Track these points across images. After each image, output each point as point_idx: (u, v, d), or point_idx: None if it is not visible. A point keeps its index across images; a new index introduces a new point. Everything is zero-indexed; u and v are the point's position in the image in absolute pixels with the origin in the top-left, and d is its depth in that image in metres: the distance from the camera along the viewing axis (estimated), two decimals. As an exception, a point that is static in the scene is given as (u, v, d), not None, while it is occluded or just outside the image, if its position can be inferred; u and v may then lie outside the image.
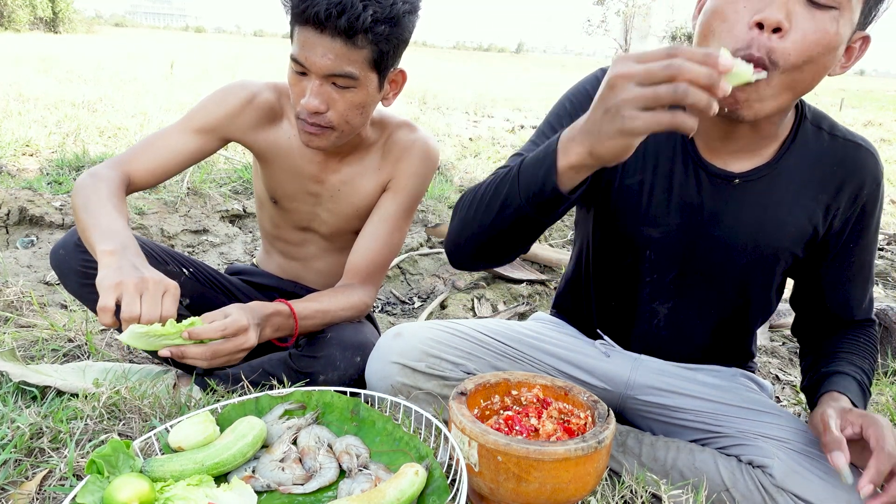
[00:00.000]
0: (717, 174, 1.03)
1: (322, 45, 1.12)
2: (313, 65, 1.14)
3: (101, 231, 1.08)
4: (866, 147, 1.04)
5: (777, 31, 0.82)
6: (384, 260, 1.40)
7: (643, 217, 1.07)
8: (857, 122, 9.82)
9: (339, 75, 1.15)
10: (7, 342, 1.46)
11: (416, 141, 1.39)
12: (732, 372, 1.22)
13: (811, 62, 0.85)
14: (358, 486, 0.89)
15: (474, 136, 6.15)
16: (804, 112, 1.05)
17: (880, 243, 3.62)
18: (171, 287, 1.01)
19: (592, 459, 0.86)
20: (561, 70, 26.04)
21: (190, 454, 0.91)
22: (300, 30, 1.14)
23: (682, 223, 1.06)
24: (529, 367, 1.23)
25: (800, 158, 1.02)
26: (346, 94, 1.18)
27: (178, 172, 1.34)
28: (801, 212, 1.03)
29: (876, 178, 1.04)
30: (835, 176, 1.02)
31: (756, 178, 1.03)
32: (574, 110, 1.09)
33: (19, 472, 0.99)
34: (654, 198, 1.06)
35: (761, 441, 1.04)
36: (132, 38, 24.33)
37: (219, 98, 1.34)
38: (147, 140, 1.31)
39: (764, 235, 1.03)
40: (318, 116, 1.19)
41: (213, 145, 1.36)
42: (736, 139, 1.01)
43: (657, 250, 1.08)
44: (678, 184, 1.05)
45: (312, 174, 1.39)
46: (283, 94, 1.37)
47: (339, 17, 1.08)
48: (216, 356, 1.05)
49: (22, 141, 3.77)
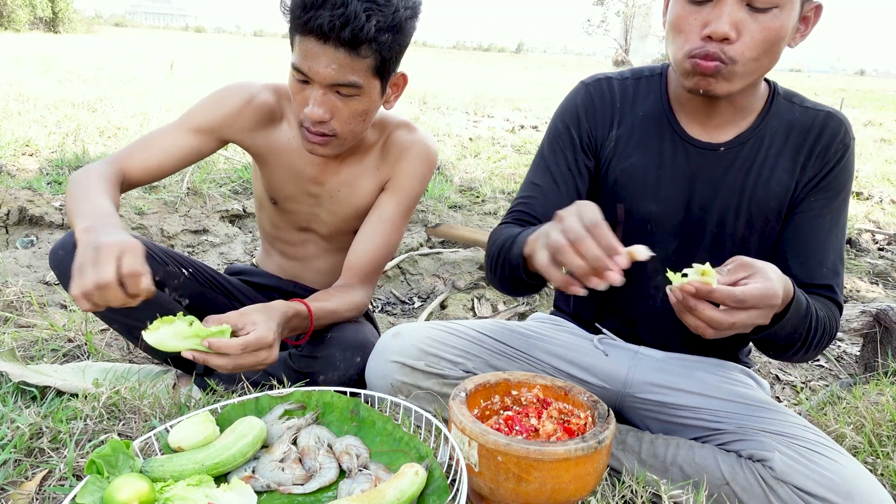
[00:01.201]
0: (703, 146, 1.12)
1: (325, 56, 1.11)
2: (317, 74, 1.13)
3: (80, 212, 1.04)
4: (835, 114, 1.11)
5: (725, 40, 0.95)
6: (382, 259, 1.40)
7: (640, 195, 1.15)
8: (857, 122, 9.82)
9: (343, 84, 1.14)
10: (7, 342, 1.46)
11: (415, 141, 1.38)
12: (730, 368, 1.23)
13: (764, 53, 0.97)
14: (358, 486, 0.89)
15: (474, 136, 6.16)
16: (776, 90, 1.14)
17: (880, 243, 3.62)
18: (127, 247, 0.89)
19: (592, 459, 0.86)
20: (561, 70, 26.05)
21: (190, 454, 0.91)
22: (302, 39, 1.13)
23: (677, 194, 1.13)
24: (527, 365, 1.23)
25: (777, 125, 1.12)
26: (350, 102, 1.18)
27: (175, 171, 1.33)
28: (782, 173, 1.10)
29: (843, 141, 1.10)
30: (806, 140, 1.10)
31: (738, 144, 1.11)
32: (567, 128, 1.20)
33: (19, 472, 0.99)
34: (648, 175, 1.14)
35: (761, 436, 1.04)
36: (132, 38, 24.33)
37: (217, 99, 1.34)
38: (144, 138, 1.31)
39: (752, 197, 1.11)
40: (321, 125, 1.19)
41: (210, 146, 1.35)
42: (716, 114, 1.11)
43: (657, 223, 1.15)
44: (668, 159, 1.14)
45: (312, 175, 1.39)
46: (283, 95, 1.37)
47: (342, 29, 1.07)
48: (238, 369, 1.03)
49: (22, 141, 3.77)
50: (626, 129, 1.16)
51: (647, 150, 1.15)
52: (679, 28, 0.99)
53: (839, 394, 1.62)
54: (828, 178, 1.09)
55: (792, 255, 1.10)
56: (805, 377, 1.96)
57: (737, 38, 0.95)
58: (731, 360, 1.25)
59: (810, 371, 2.01)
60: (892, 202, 4.48)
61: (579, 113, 1.19)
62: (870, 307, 1.89)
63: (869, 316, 1.87)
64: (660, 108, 1.15)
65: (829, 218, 1.10)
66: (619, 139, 1.17)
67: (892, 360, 1.75)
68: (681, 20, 0.99)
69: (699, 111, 1.12)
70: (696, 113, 1.12)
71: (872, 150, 6.80)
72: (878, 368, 1.77)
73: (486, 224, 3.26)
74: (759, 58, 0.97)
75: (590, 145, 1.19)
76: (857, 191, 4.73)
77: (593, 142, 1.19)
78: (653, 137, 1.15)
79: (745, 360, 1.28)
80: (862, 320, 1.87)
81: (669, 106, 1.15)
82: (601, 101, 1.18)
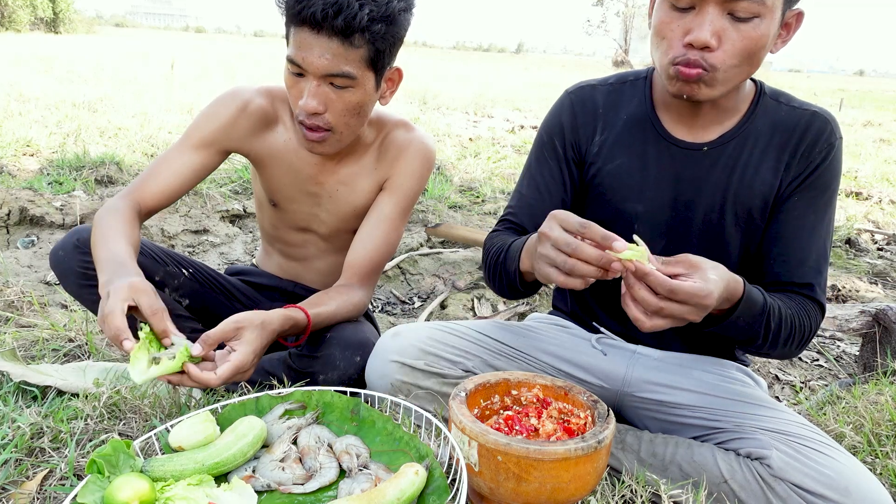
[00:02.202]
0: (687, 146, 1.13)
1: (319, 46, 1.12)
2: (310, 65, 1.14)
3: (100, 264, 1.11)
4: (822, 113, 1.12)
5: (706, 48, 0.96)
6: (382, 259, 1.40)
7: (626, 196, 1.17)
8: (857, 122, 9.83)
9: (336, 75, 1.15)
10: (7, 342, 1.47)
11: (413, 140, 1.39)
12: (727, 366, 1.23)
13: (745, 60, 0.99)
14: (358, 485, 0.89)
15: (474, 136, 6.16)
16: (762, 89, 1.15)
17: (880, 243, 3.62)
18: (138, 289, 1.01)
19: (592, 459, 0.86)
20: (561, 70, 26.04)
21: (190, 454, 0.91)
22: (296, 31, 1.14)
23: (662, 194, 1.15)
24: (526, 365, 1.24)
25: (762, 125, 1.12)
26: (344, 94, 1.19)
27: (187, 191, 1.36)
28: (766, 171, 1.11)
29: (829, 140, 1.10)
30: (792, 138, 1.11)
31: (722, 143, 1.12)
32: (551, 139, 1.24)
33: (20, 471, 0.99)
34: (633, 176, 1.16)
35: (759, 434, 1.04)
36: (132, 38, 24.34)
37: (212, 112, 1.34)
38: (152, 166, 1.33)
39: (737, 195, 1.11)
40: (316, 117, 1.20)
41: (215, 159, 1.36)
42: (700, 115, 1.12)
43: (644, 223, 1.17)
44: (653, 160, 1.15)
45: (310, 175, 1.39)
46: (277, 98, 1.37)
47: (335, 17, 1.09)
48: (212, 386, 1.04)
49: (22, 141, 3.78)
50: (610, 134, 1.19)
51: (632, 152, 1.16)
52: (662, 34, 1.01)
53: (838, 393, 1.63)
54: (812, 176, 1.09)
55: (774, 253, 1.11)
56: (804, 377, 1.96)
57: (718, 47, 0.96)
58: (728, 358, 1.26)
59: (809, 371, 2.01)
60: (891, 202, 4.48)
61: (562, 124, 1.22)
62: (869, 307, 1.89)
63: (868, 316, 1.87)
64: (644, 111, 1.17)
65: (812, 217, 1.10)
66: (603, 144, 1.19)
67: (892, 359, 1.75)
68: (664, 26, 1.00)
69: (683, 113, 1.13)
70: (681, 114, 1.14)
71: (872, 150, 6.80)
72: (877, 368, 1.77)
73: (486, 224, 3.26)
74: (739, 65, 0.98)
75: (574, 155, 1.22)
76: (857, 191, 4.74)
77: (577, 151, 1.22)
78: (637, 140, 1.16)
79: (742, 359, 1.29)
80: (861, 320, 1.87)
81: (653, 108, 1.16)
82: (583, 109, 1.21)
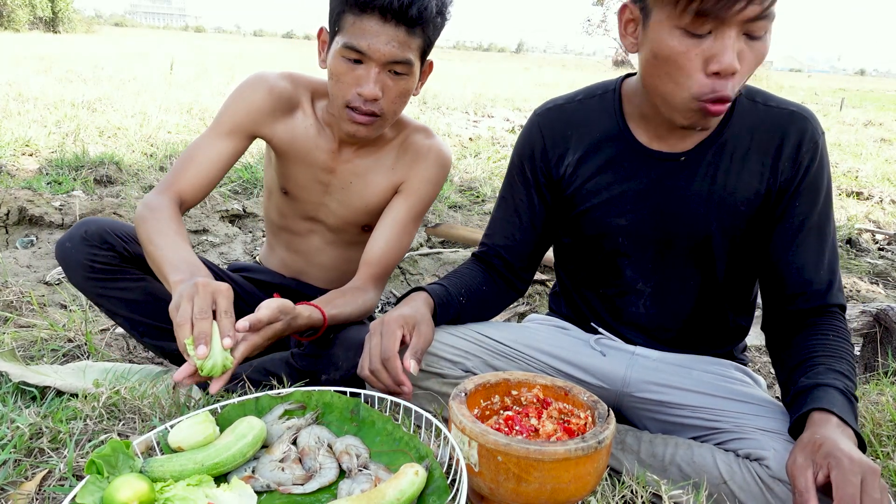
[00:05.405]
0: (664, 157, 1.12)
1: (386, 34, 1.17)
2: (376, 52, 1.17)
3: (170, 263, 1.12)
4: (800, 112, 1.09)
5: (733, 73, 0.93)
6: (394, 262, 1.42)
7: (608, 210, 1.16)
8: (858, 122, 9.83)
9: (399, 62, 1.20)
10: (7, 342, 1.47)
11: (433, 147, 1.42)
12: (726, 366, 1.23)
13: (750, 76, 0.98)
14: (358, 486, 0.89)
15: (474, 135, 6.15)
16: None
17: (880, 243, 3.62)
18: (221, 289, 1.02)
19: (592, 459, 0.86)
20: (561, 70, 26.05)
21: (190, 454, 0.91)
22: (359, 18, 1.17)
23: (642, 206, 1.14)
24: (526, 365, 1.23)
25: (740, 129, 1.10)
26: (400, 81, 1.23)
27: (221, 179, 1.37)
28: (749, 176, 1.09)
29: (813, 138, 1.07)
30: (773, 139, 1.08)
31: (700, 152, 1.10)
32: (521, 163, 1.25)
33: (19, 472, 0.99)
34: (612, 190, 1.16)
35: (759, 434, 1.04)
36: (132, 37, 24.35)
37: (240, 97, 1.36)
38: (185, 156, 1.33)
39: (722, 203, 1.10)
40: (373, 104, 1.23)
41: (243, 144, 1.38)
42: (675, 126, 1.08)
43: (628, 235, 1.17)
44: (630, 174, 1.14)
45: (325, 163, 1.41)
46: (299, 84, 1.39)
47: (409, 7, 1.15)
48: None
49: (21, 141, 3.78)
50: (582, 152, 1.18)
51: (608, 166, 1.16)
52: (678, 64, 0.94)
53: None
54: (806, 179, 1.08)
55: (788, 259, 1.09)
56: (805, 377, 1.95)
57: (740, 69, 0.93)
58: (726, 357, 1.26)
59: (810, 371, 2.00)
60: (892, 202, 4.48)
61: (533, 147, 1.23)
62: (870, 307, 1.89)
63: (869, 316, 1.87)
64: (615, 125, 1.16)
65: (816, 218, 1.09)
66: (578, 162, 1.18)
67: (892, 359, 1.75)
68: (680, 56, 0.94)
69: (658, 124, 1.11)
70: (656, 126, 1.12)
71: (873, 149, 6.80)
72: (877, 368, 1.77)
73: (485, 224, 3.26)
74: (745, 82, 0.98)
75: (545, 179, 1.23)
76: (858, 190, 4.74)
77: (548, 175, 1.22)
78: (612, 154, 1.15)
79: (740, 357, 1.29)
80: (862, 320, 1.87)
81: (625, 122, 1.15)
82: (551, 132, 1.21)
